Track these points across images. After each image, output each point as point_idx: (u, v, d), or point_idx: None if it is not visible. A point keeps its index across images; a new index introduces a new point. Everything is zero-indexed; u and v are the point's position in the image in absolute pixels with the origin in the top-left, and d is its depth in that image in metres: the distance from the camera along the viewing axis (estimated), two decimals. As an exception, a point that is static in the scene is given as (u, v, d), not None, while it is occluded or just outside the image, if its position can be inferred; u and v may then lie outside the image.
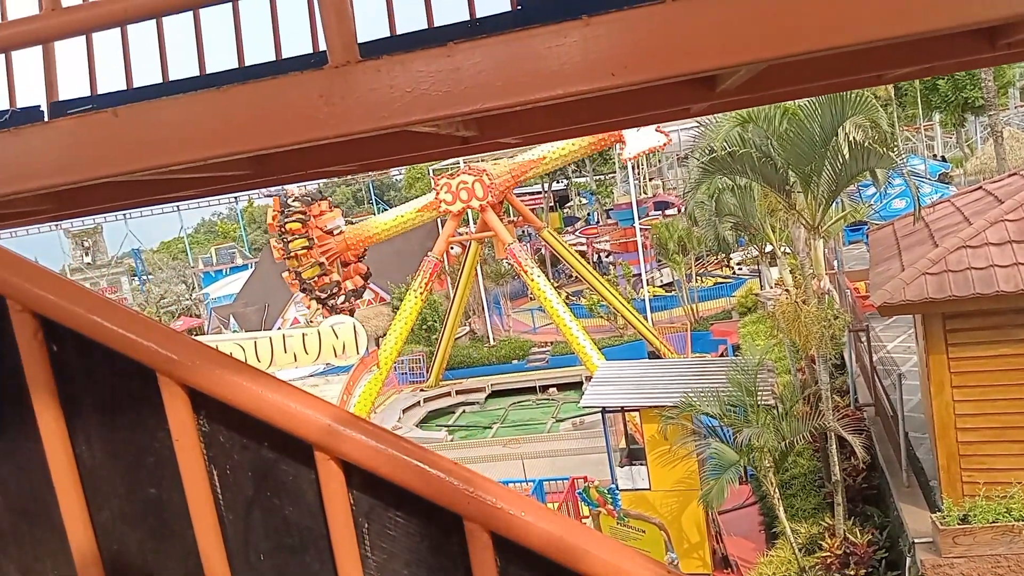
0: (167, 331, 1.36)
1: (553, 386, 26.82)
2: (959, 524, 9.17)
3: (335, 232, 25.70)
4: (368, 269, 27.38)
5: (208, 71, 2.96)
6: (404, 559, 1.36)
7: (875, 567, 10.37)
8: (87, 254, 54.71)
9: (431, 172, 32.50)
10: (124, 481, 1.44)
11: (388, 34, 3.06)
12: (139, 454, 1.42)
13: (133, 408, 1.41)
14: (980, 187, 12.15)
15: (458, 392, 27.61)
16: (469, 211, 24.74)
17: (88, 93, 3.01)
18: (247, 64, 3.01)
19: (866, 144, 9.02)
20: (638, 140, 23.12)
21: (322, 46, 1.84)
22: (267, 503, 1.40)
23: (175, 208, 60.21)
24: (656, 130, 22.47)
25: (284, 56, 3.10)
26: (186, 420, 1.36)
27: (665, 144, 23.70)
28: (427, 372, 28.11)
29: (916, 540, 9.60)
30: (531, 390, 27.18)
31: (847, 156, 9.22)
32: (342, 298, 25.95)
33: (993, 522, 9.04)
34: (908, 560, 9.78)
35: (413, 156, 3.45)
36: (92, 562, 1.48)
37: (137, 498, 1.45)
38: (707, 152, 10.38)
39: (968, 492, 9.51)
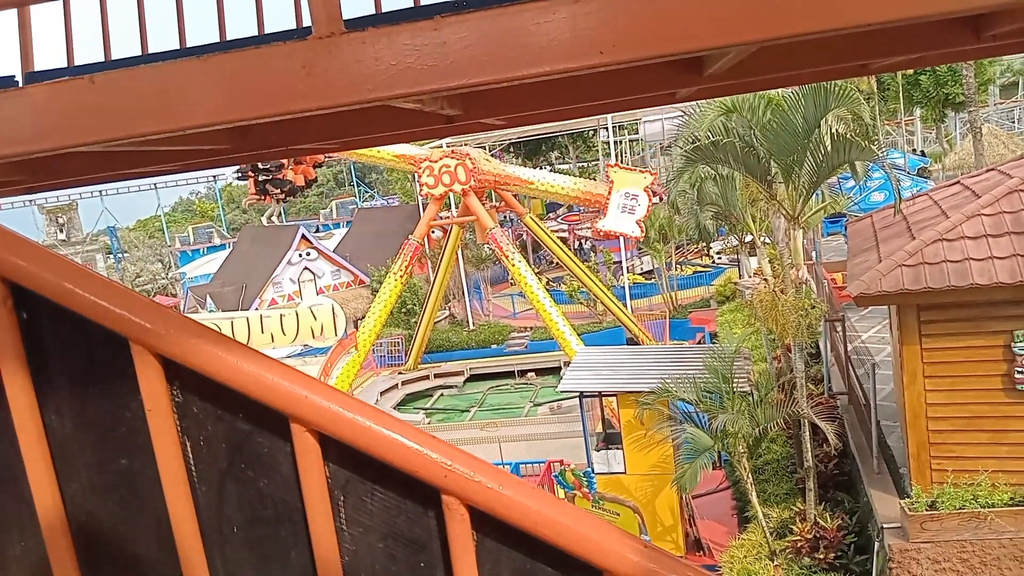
0: (141, 299, 1.33)
1: (531, 371, 26.89)
2: (927, 510, 9.36)
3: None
4: (316, 177, 27.35)
5: (189, 46, 2.90)
6: (380, 532, 1.36)
7: (844, 551, 10.55)
8: (61, 231, 53.83)
9: (413, 154, 32.26)
10: (95, 451, 1.42)
11: (374, 12, 3.01)
12: (111, 424, 1.40)
13: (105, 377, 1.38)
14: (958, 182, 12.29)
15: (436, 375, 27.59)
16: (451, 195, 24.64)
17: (65, 65, 2.94)
18: (229, 39, 2.96)
19: (848, 136, 9.08)
20: (616, 221, 23.32)
21: (306, 21, 1.81)
22: (241, 475, 1.38)
23: (152, 186, 59.39)
24: (636, 222, 22.74)
25: (267, 32, 3.04)
26: (159, 390, 1.34)
27: (640, 237, 24.01)
28: (406, 355, 28.06)
29: (885, 525, 9.78)
30: (509, 374, 27.23)
31: (829, 148, 9.27)
32: (281, 190, 25.98)
33: (960, 508, 9.23)
34: (876, 544, 9.96)
35: (396, 135, 3.42)
36: (61, 533, 1.46)
37: (108, 469, 1.42)
38: (691, 141, 10.39)
39: (937, 479, 9.70)
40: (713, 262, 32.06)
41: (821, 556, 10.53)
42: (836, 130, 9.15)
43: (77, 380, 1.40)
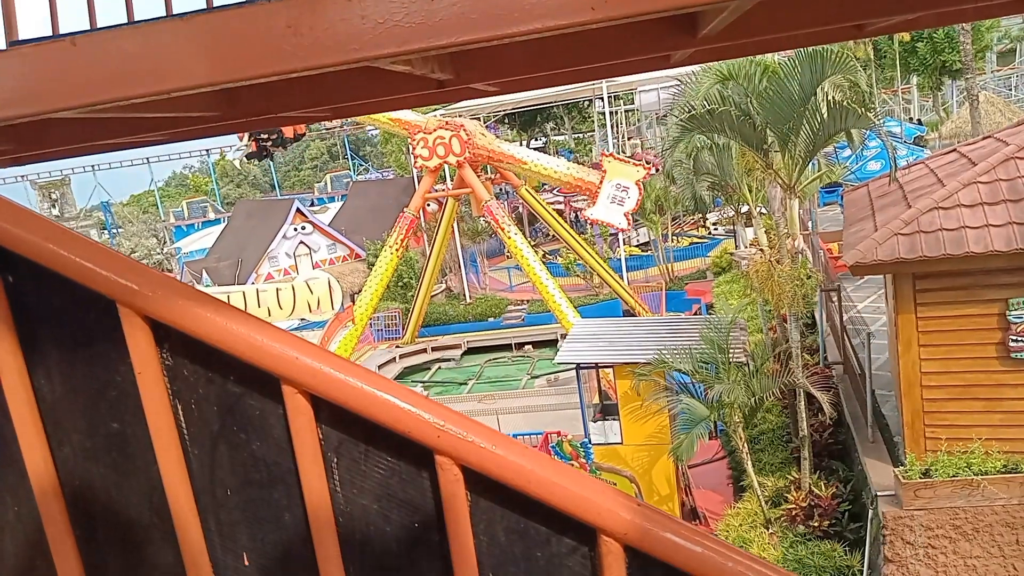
0: (127, 261, 1.31)
1: (528, 343, 26.97)
2: (921, 478, 9.45)
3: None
4: (304, 133, 27.14)
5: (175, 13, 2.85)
6: (374, 494, 1.35)
7: (838, 519, 10.67)
8: (55, 206, 53.52)
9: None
10: (85, 416, 1.41)
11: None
12: (101, 388, 1.39)
13: (93, 341, 1.36)
14: (954, 150, 12.24)
15: (434, 349, 27.66)
16: (446, 167, 24.48)
17: (50, 34, 2.89)
18: (215, 5, 2.90)
19: (845, 104, 9.01)
20: (606, 210, 23.09)
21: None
22: (233, 438, 1.37)
23: (144, 160, 58.98)
24: (625, 214, 22.54)
25: None
26: (148, 353, 1.32)
27: (627, 230, 23.76)
28: (403, 329, 28.10)
29: (879, 493, 9.88)
30: (507, 347, 27.31)
31: (825, 115, 9.21)
32: (269, 137, 25.84)
33: (953, 476, 9.32)
34: (870, 512, 10.07)
35: (386, 101, 3.37)
36: (53, 498, 1.45)
37: (99, 433, 1.41)
38: (687, 110, 10.31)
39: (930, 447, 9.78)
40: (709, 233, 32.03)
41: (816, 524, 10.65)
42: (833, 97, 9.08)
43: (65, 344, 1.38)
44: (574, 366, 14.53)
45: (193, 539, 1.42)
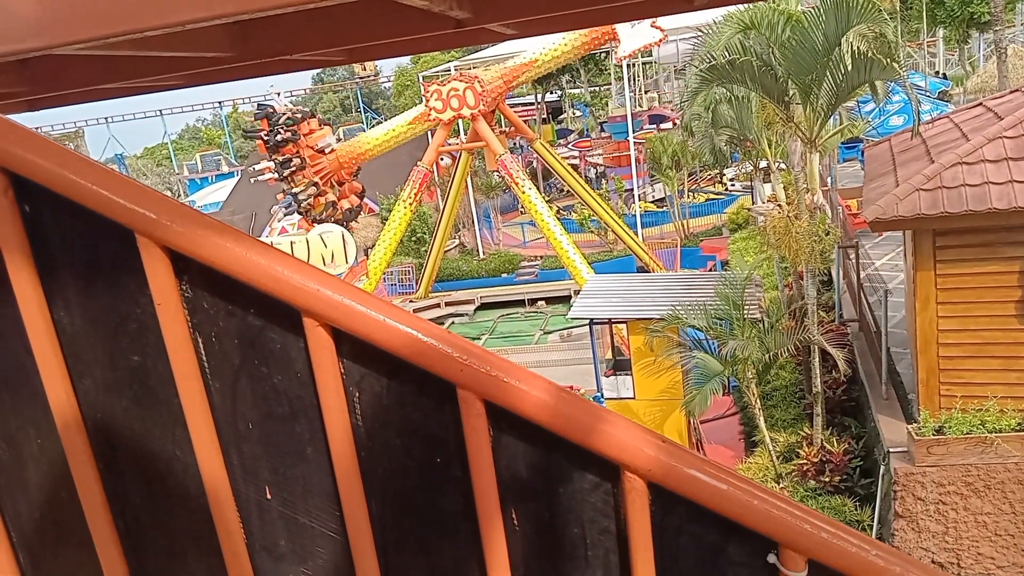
0: (145, 190, 1.28)
1: (542, 299, 27.00)
2: (934, 435, 9.45)
3: (326, 151, 24.79)
4: (363, 188, 26.53)
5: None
6: (396, 428, 1.34)
7: (850, 475, 10.73)
8: (69, 159, 53.51)
9: (421, 79, 31.65)
10: (106, 348, 1.40)
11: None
12: (120, 320, 1.37)
13: (112, 271, 1.34)
14: (980, 103, 11.95)
15: (447, 304, 27.76)
16: (460, 121, 24.21)
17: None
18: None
19: (870, 54, 8.77)
20: (633, 37, 22.08)
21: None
22: (255, 371, 1.36)
23: (158, 112, 58.79)
24: (652, 25, 21.41)
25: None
26: (168, 284, 1.30)
27: (661, 40, 22.49)
28: (416, 284, 28.18)
29: (891, 450, 9.90)
30: (520, 303, 27.36)
31: (849, 67, 8.98)
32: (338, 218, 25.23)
33: (967, 434, 9.31)
34: (882, 468, 10.11)
35: (403, 42, 3.29)
36: (76, 431, 1.45)
37: (120, 365, 1.40)
38: (706, 60, 10.08)
39: (945, 405, 9.76)
40: (726, 189, 31.68)
41: (827, 479, 10.72)
42: (858, 48, 8.83)
43: (84, 275, 1.36)
44: (587, 322, 14.54)
45: (215, 472, 1.43)
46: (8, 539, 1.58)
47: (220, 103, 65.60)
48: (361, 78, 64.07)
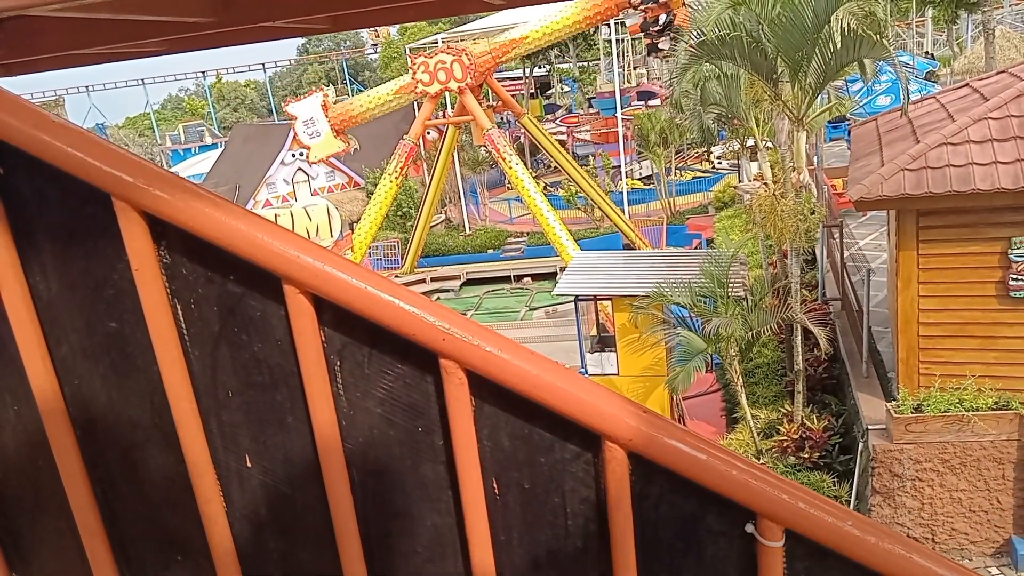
0: (122, 153, 1.26)
1: (527, 276, 27.00)
2: (912, 413, 9.58)
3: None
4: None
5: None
6: (378, 397, 1.34)
7: (829, 451, 10.88)
8: (49, 127, 52.62)
9: (407, 51, 31.28)
10: (83, 314, 1.38)
11: None
12: (97, 286, 1.35)
13: (89, 236, 1.32)
14: (966, 84, 11.98)
15: (433, 279, 27.69)
16: (447, 94, 23.96)
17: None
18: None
19: (859, 32, 8.74)
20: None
21: None
22: (234, 339, 1.35)
23: (139, 81, 57.83)
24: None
25: None
26: (145, 249, 1.28)
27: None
28: (402, 259, 28.06)
29: (870, 427, 10.04)
30: (505, 279, 27.34)
31: (839, 44, 8.95)
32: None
33: (945, 412, 9.45)
34: (861, 445, 10.26)
35: (390, 10, 3.24)
36: (53, 397, 1.44)
37: (97, 332, 1.39)
38: (697, 35, 10.02)
39: (924, 384, 9.89)
40: (713, 167, 31.68)
41: (806, 455, 10.86)
42: (848, 25, 8.80)
43: (60, 239, 1.34)
44: (573, 298, 14.57)
45: (195, 440, 1.42)
46: (-15, 506, 1.57)
47: (203, 73, 64.62)
48: (347, 49, 63.20)
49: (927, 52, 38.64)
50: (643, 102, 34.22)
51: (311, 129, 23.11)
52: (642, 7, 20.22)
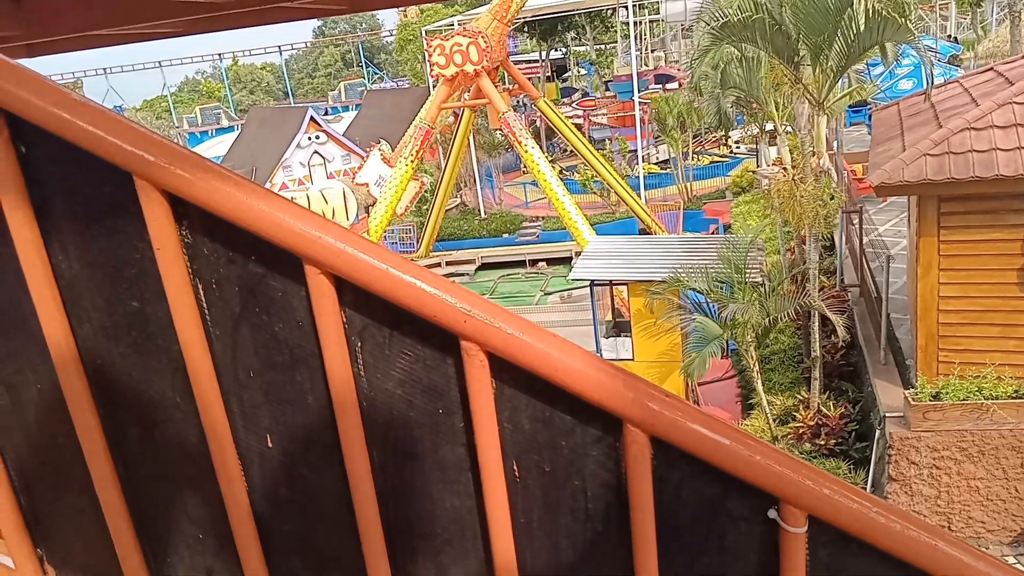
0: (143, 132, 1.25)
1: (543, 260, 26.94)
2: (931, 400, 9.50)
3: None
4: None
5: None
6: (398, 379, 1.33)
7: (845, 438, 10.82)
8: (68, 110, 52.92)
9: (424, 33, 31.15)
10: (103, 293, 1.38)
11: None
12: (119, 265, 1.35)
13: (110, 214, 1.32)
14: (991, 68, 11.77)
15: (448, 263, 27.71)
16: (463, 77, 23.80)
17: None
18: None
19: (884, 13, 8.59)
20: None
21: None
22: (255, 319, 1.35)
23: (157, 64, 58.04)
24: None
25: None
26: (167, 228, 1.28)
27: None
28: (417, 242, 28.09)
29: (887, 414, 9.97)
30: (520, 263, 27.31)
31: (862, 26, 8.81)
32: None
33: (964, 400, 9.37)
34: (877, 432, 10.20)
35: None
36: (76, 376, 1.44)
37: (119, 311, 1.39)
38: (719, 17, 9.88)
39: (943, 371, 9.80)
40: (731, 152, 31.40)
41: (822, 442, 10.81)
42: (872, 6, 8.65)
43: (82, 218, 1.34)
44: (588, 283, 14.53)
45: (216, 420, 1.42)
46: (9, 483, 1.59)
47: (220, 55, 64.75)
48: (363, 31, 63.06)
49: (950, 35, 37.97)
50: (660, 85, 33.90)
51: (384, 185, 23.26)
52: None
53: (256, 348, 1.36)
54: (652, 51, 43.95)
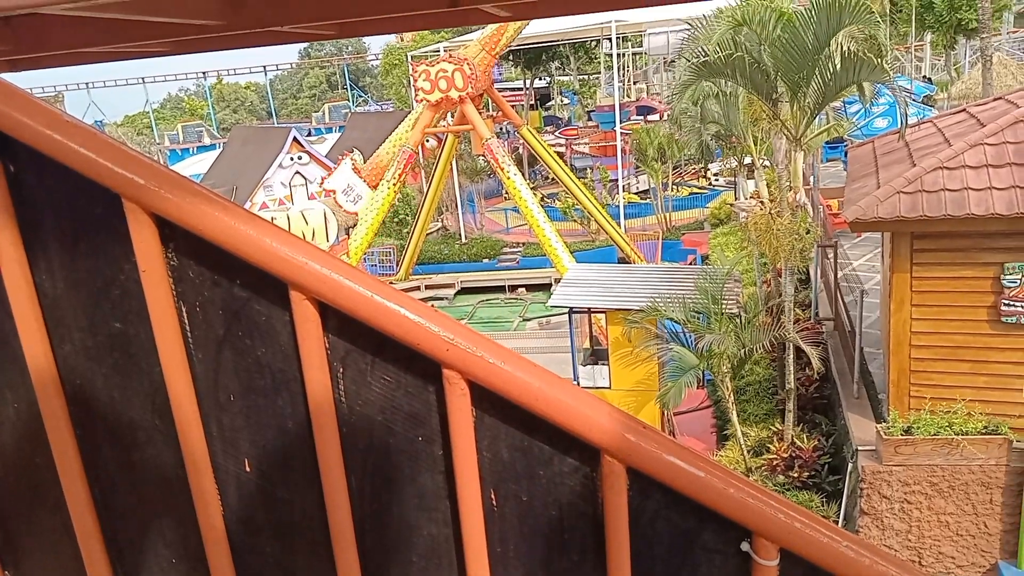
0: (133, 154, 1.26)
1: (522, 286, 27.01)
2: (902, 435, 9.61)
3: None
4: None
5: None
6: (379, 405, 1.34)
7: (818, 471, 10.89)
8: (47, 123, 52.48)
9: (409, 58, 31.38)
10: (87, 313, 1.38)
11: None
12: (103, 285, 1.36)
13: (97, 236, 1.33)
14: (963, 109, 12.09)
15: (427, 287, 27.68)
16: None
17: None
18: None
19: (860, 55, 8.83)
20: None
21: None
22: (238, 343, 1.35)
23: (140, 80, 57.84)
24: None
25: None
26: (153, 250, 1.29)
27: None
28: (397, 265, 28.06)
29: (860, 448, 10.06)
30: (500, 289, 27.36)
31: (838, 66, 9.04)
32: None
33: (935, 435, 9.49)
34: (850, 466, 10.28)
35: (395, 19, 3.26)
36: (54, 395, 1.44)
37: (101, 331, 1.39)
38: (699, 55, 10.09)
39: (914, 406, 9.92)
40: (710, 184, 31.82)
41: (795, 475, 10.87)
42: (848, 48, 8.89)
43: (68, 238, 1.34)
44: (567, 310, 14.60)
45: (195, 443, 1.42)
46: (-20, 502, 1.57)
47: (204, 74, 64.70)
48: (349, 55, 63.38)
49: (925, 76, 38.95)
50: (642, 117, 34.39)
51: (352, 195, 23.34)
52: None
53: (238, 372, 1.37)
54: (635, 83, 44.61)
